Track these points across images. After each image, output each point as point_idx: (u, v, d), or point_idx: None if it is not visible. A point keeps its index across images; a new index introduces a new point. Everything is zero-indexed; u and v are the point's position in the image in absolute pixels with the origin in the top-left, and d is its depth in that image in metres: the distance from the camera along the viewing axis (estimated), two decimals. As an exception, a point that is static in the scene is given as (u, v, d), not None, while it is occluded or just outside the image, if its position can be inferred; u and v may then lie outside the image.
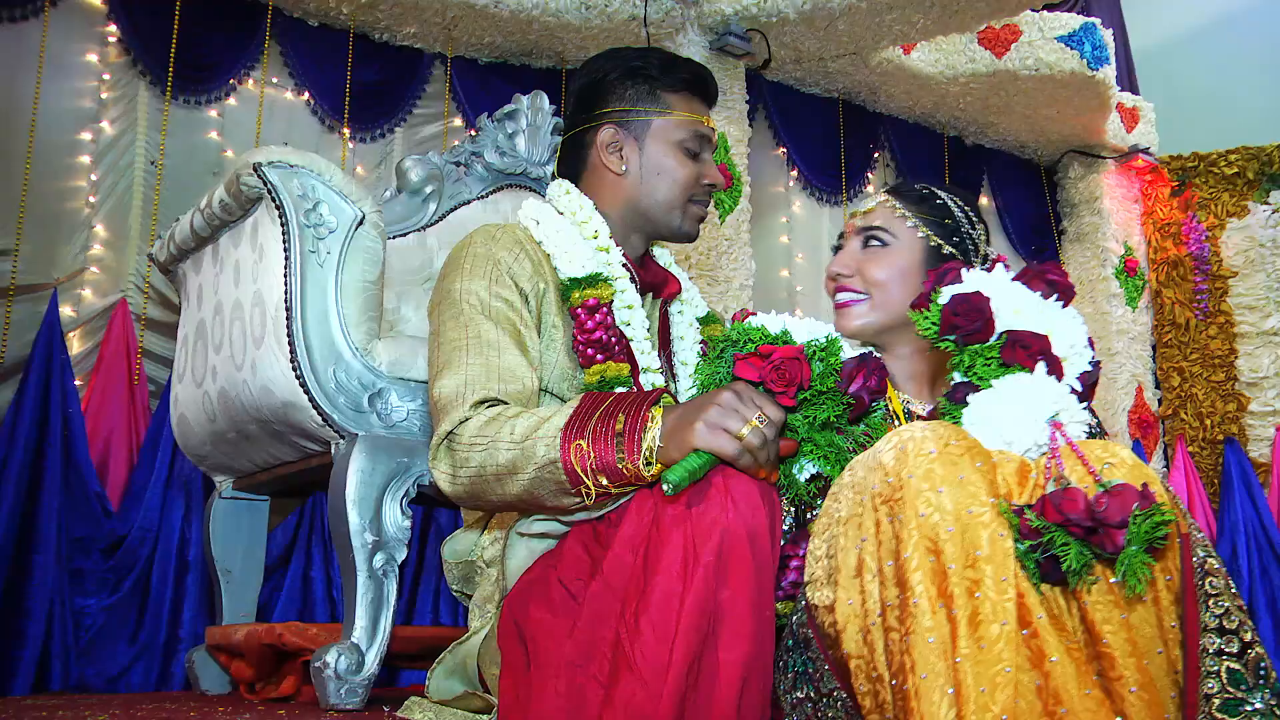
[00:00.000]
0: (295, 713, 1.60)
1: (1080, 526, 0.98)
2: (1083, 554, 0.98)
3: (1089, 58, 4.73)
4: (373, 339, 1.78)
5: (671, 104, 1.56)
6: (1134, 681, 0.97)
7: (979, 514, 1.01)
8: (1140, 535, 0.97)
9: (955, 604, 0.97)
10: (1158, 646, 1.00)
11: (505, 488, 1.28)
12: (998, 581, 0.98)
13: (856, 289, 1.51)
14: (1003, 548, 1.00)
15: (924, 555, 1.00)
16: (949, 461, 1.03)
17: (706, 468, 1.18)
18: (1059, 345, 1.19)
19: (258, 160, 1.74)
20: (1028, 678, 0.96)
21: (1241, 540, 4.89)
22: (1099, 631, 1.00)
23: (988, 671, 0.95)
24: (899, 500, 1.03)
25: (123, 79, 3.65)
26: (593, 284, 1.48)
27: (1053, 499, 1.00)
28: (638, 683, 1.12)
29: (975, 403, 1.17)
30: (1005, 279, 1.23)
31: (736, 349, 1.26)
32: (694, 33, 4.20)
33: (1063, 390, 1.16)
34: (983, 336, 1.19)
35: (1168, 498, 1.05)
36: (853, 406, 1.25)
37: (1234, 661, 0.98)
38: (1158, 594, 1.02)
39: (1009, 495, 1.06)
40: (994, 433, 1.13)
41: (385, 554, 1.68)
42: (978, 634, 0.96)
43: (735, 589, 1.14)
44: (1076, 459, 1.06)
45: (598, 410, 1.26)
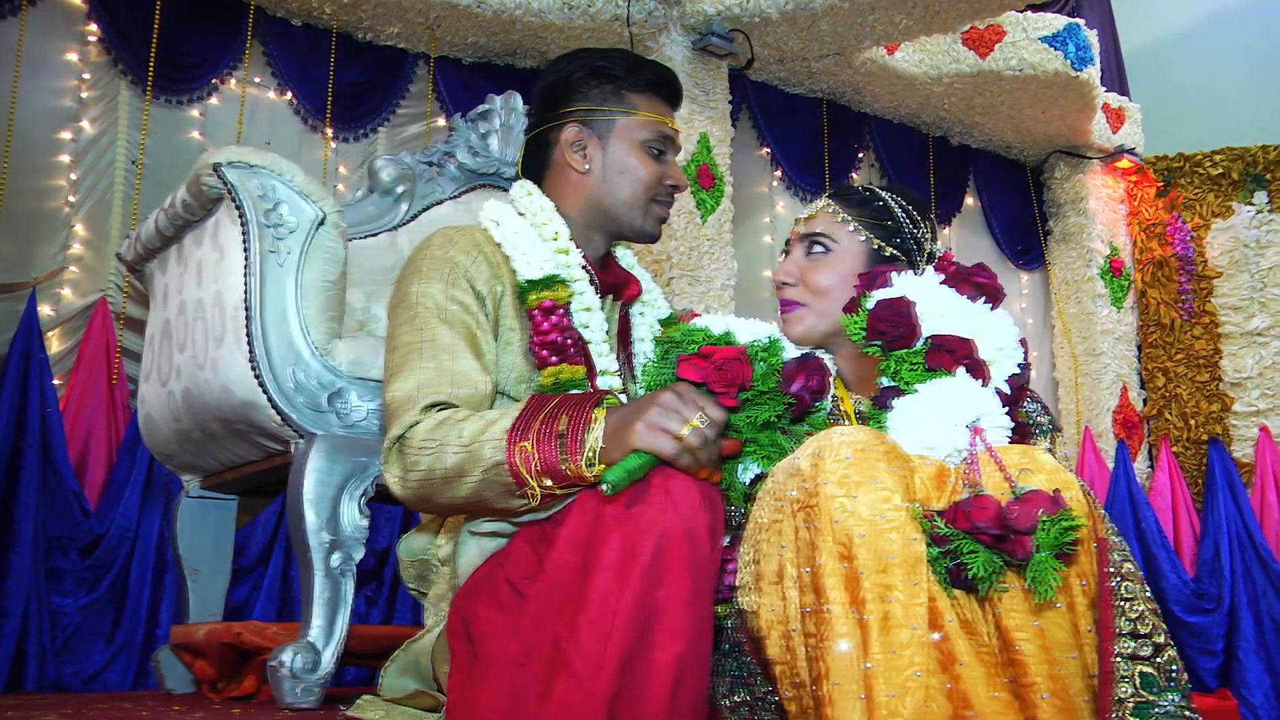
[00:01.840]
0: (251, 712, 1.60)
1: (988, 534, 0.98)
2: (991, 561, 0.98)
3: (1073, 58, 4.74)
4: (333, 339, 1.78)
5: (636, 104, 1.56)
6: (1045, 688, 0.97)
7: (892, 519, 1.01)
8: (1049, 541, 0.97)
9: (867, 609, 0.98)
10: (1072, 651, 1.00)
11: (454, 490, 1.29)
12: (909, 586, 0.98)
13: (799, 297, 1.51)
14: (915, 552, 1.00)
15: (837, 561, 1.00)
16: (864, 466, 1.03)
17: (646, 468, 1.18)
18: (986, 348, 1.19)
19: (217, 160, 1.74)
20: (938, 681, 0.96)
21: (1225, 539, 4.90)
22: (1012, 638, 1.00)
23: (898, 677, 0.95)
24: (814, 506, 1.03)
25: (103, 78, 3.65)
26: (549, 285, 1.48)
27: (963, 506, 1.00)
28: (573, 680, 1.13)
29: (899, 407, 1.17)
30: (933, 283, 1.23)
31: (680, 350, 1.27)
32: (677, 33, 4.21)
33: (985, 395, 1.16)
34: (907, 341, 1.19)
35: (1086, 503, 1.05)
36: (794, 406, 1.25)
37: (1147, 665, 0.98)
38: (1072, 599, 1.02)
39: (926, 500, 1.06)
40: (915, 437, 1.14)
41: (342, 553, 1.69)
42: (889, 639, 0.97)
43: (671, 588, 1.14)
44: (993, 465, 1.06)
45: (542, 412, 1.27)
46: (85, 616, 3.16)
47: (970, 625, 1.01)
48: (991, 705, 0.95)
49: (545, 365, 1.46)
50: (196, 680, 2.01)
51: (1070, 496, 1.03)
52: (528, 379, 1.47)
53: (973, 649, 0.98)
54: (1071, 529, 0.98)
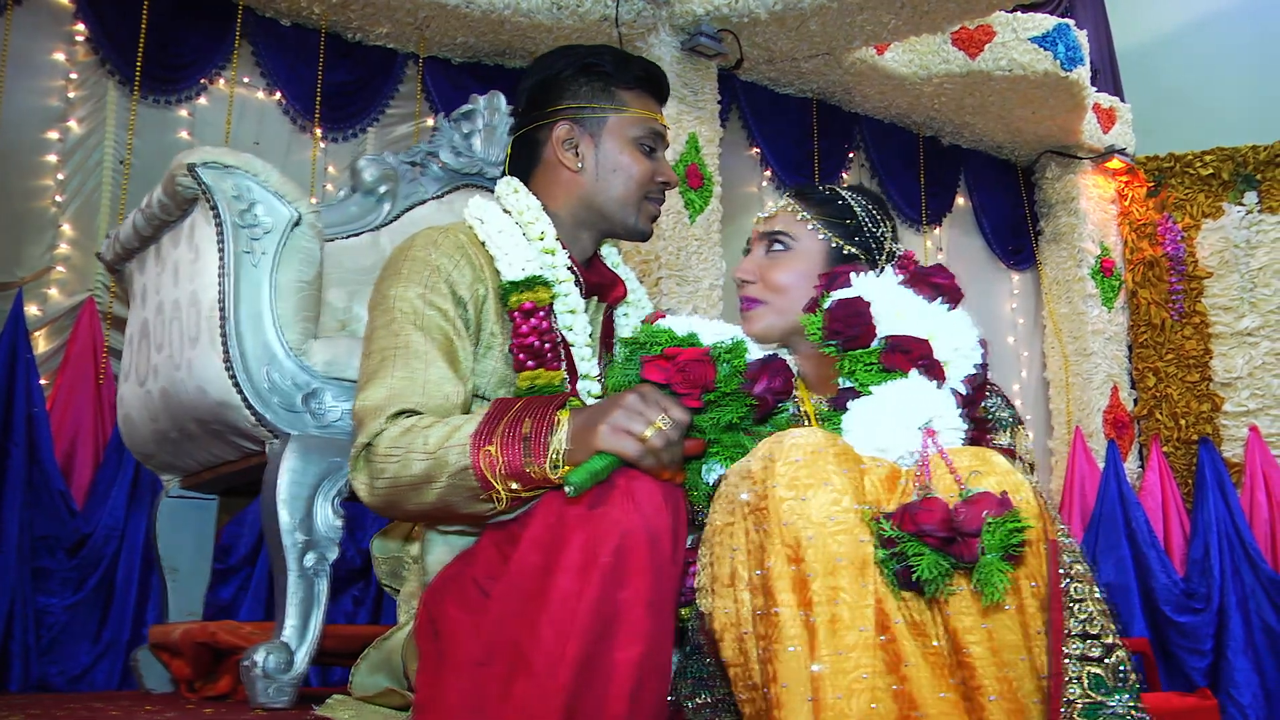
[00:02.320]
0: (223, 711, 1.61)
1: (935, 537, 0.98)
2: (938, 564, 0.98)
3: (1062, 58, 4.74)
4: (308, 339, 1.79)
5: (627, 101, 1.56)
6: (994, 690, 0.97)
7: (841, 521, 1.01)
8: (995, 543, 0.97)
9: (815, 611, 0.98)
10: (1022, 653, 1.00)
11: (421, 497, 1.29)
12: (857, 588, 0.99)
13: (759, 295, 1.51)
14: (863, 554, 1.00)
15: (786, 564, 1.00)
16: (814, 469, 1.03)
17: (610, 470, 1.18)
18: (943, 349, 1.19)
19: (192, 161, 1.75)
20: (885, 683, 0.97)
21: (1214, 540, 4.91)
22: (961, 640, 1.00)
23: (845, 679, 0.95)
24: (764, 509, 1.03)
25: (91, 78, 3.65)
26: (530, 287, 1.47)
27: (910, 509, 1.00)
28: (532, 681, 1.13)
29: (854, 409, 1.18)
30: (891, 283, 1.23)
31: (644, 351, 1.27)
32: (665, 33, 4.21)
33: (939, 397, 1.16)
34: (863, 342, 1.19)
35: (1037, 505, 1.05)
36: (758, 408, 1.25)
37: (1096, 666, 0.98)
38: (1022, 601, 1.01)
39: (878, 502, 1.06)
40: (869, 439, 1.14)
41: (316, 553, 1.69)
42: (836, 641, 0.97)
43: (633, 589, 1.14)
44: (945, 467, 1.07)
45: (506, 415, 1.27)
46: (71, 616, 3.16)
47: (919, 627, 1.01)
48: (938, 706, 0.96)
49: (522, 369, 1.45)
50: (174, 680, 2.01)
51: (1021, 498, 1.03)
52: (509, 383, 1.46)
53: (920, 650, 0.98)
54: (1018, 530, 0.98)
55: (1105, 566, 4.92)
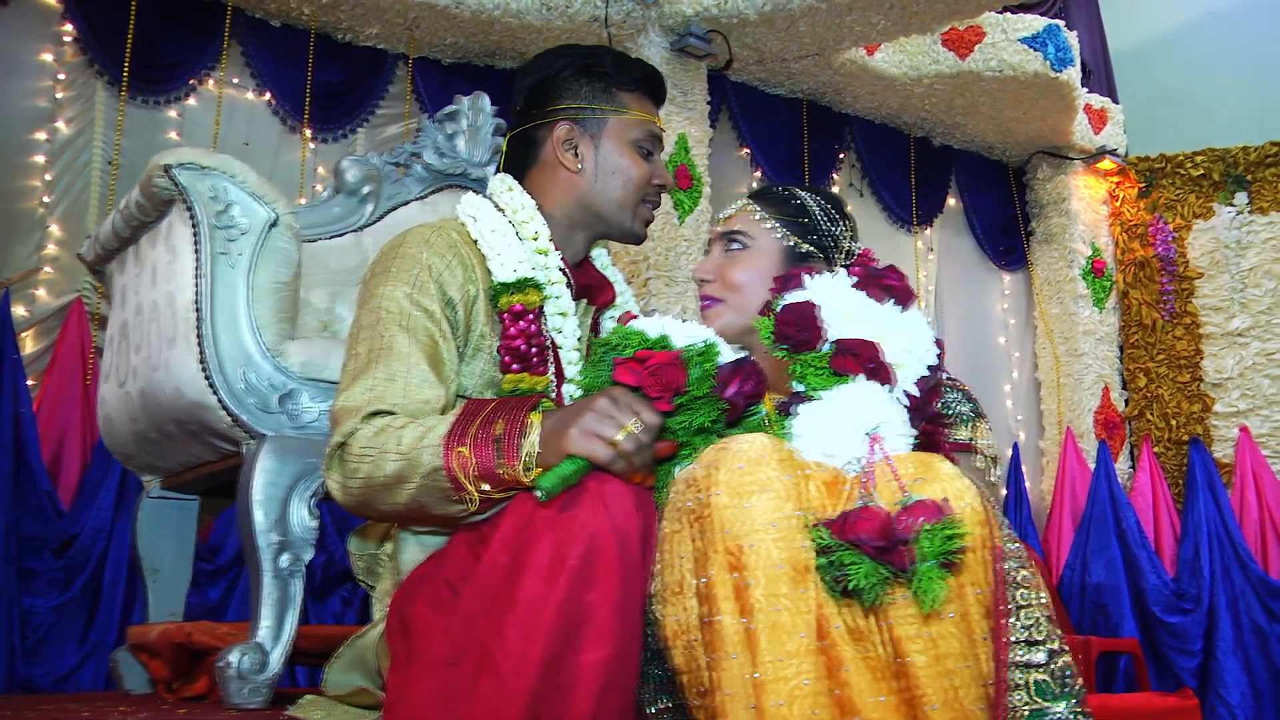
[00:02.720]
0: (197, 712, 1.61)
1: (870, 546, 0.98)
2: (875, 572, 0.98)
3: (1052, 59, 4.75)
4: (285, 340, 1.79)
5: (627, 103, 1.56)
6: (935, 699, 0.97)
7: (782, 527, 1.01)
8: (932, 550, 0.97)
9: (755, 619, 0.98)
10: (966, 660, 1.00)
11: (394, 497, 1.29)
12: (796, 594, 0.99)
13: (718, 293, 1.52)
14: (802, 561, 1.00)
15: (726, 571, 1.00)
16: (757, 475, 1.03)
17: (580, 473, 1.18)
18: (894, 351, 1.19)
19: (168, 162, 1.75)
20: (825, 688, 0.97)
21: (1204, 540, 4.91)
22: (903, 648, 1.00)
23: (785, 686, 0.96)
24: (706, 517, 1.03)
25: (79, 79, 3.65)
26: (521, 289, 1.46)
27: (848, 517, 1.00)
28: (497, 681, 1.13)
29: (803, 413, 1.18)
30: (843, 286, 1.23)
31: (615, 353, 1.26)
32: (655, 33, 4.22)
33: (886, 402, 1.16)
34: (811, 345, 1.19)
35: (981, 511, 1.04)
36: (729, 411, 1.25)
37: (1040, 672, 0.98)
38: (966, 608, 1.01)
39: (821, 508, 1.06)
40: (815, 445, 1.14)
41: (291, 554, 1.69)
42: (776, 649, 0.97)
43: (600, 592, 1.14)
44: (888, 474, 1.07)
45: (478, 416, 1.27)
46: (58, 617, 3.16)
47: (859, 632, 1.01)
48: (877, 710, 0.96)
49: (507, 371, 1.45)
50: (153, 681, 2.01)
51: (964, 505, 1.03)
52: (496, 385, 1.46)
53: (858, 655, 0.98)
54: (954, 538, 0.98)
55: (1096, 567, 4.93)
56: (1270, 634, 4.65)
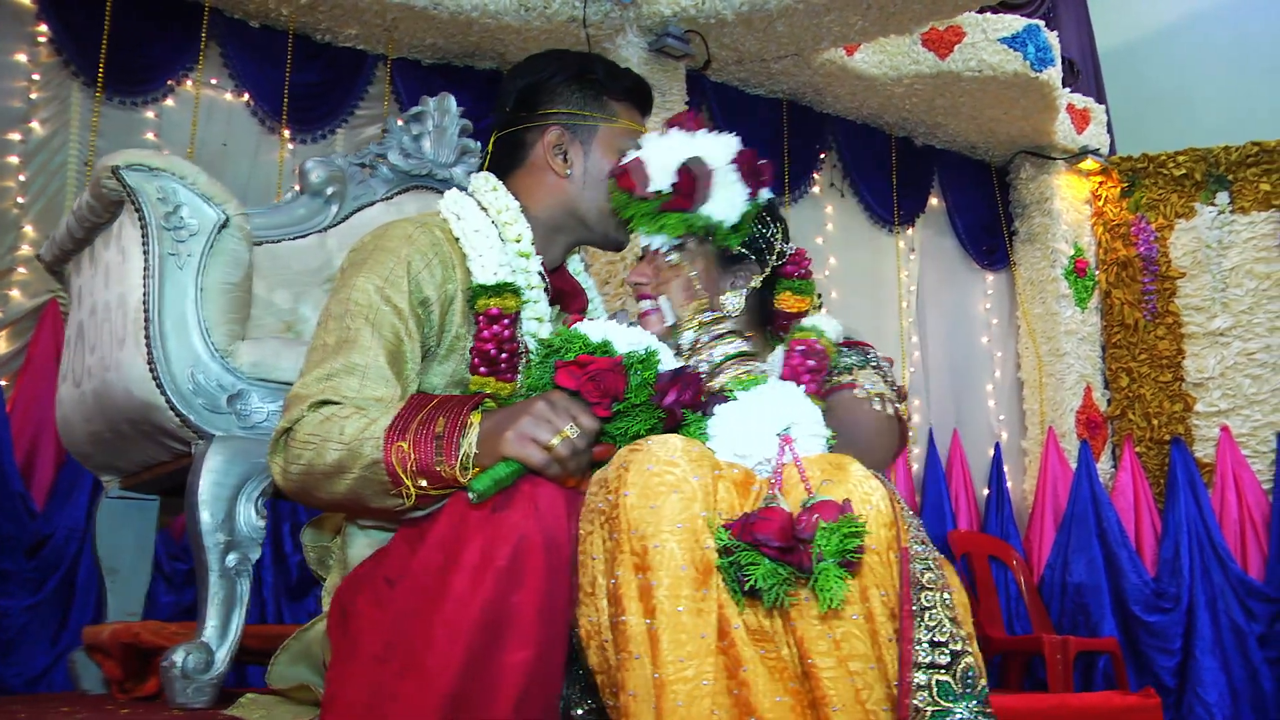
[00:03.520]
0: (140, 712, 1.61)
1: (770, 546, 0.99)
2: (775, 573, 0.99)
3: (1032, 59, 4.75)
4: (235, 341, 1.79)
5: (618, 112, 1.57)
6: (839, 700, 0.98)
7: (688, 528, 1.02)
8: (830, 550, 0.98)
9: (658, 619, 0.99)
10: (870, 662, 1.01)
11: (333, 486, 1.30)
12: (698, 595, 0.99)
13: (652, 296, 1.53)
14: (705, 561, 1.01)
15: (633, 572, 1.01)
16: (665, 476, 1.04)
17: (514, 476, 1.19)
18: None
19: (115, 163, 1.75)
20: (724, 687, 0.98)
21: (1185, 539, 4.92)
22: (807, 649, 1.01)
23: (685, 686, 0.96)
24: (615, 517, 1.04)
25: (54, 80, 3.66)
26: (499, 293, 1.47)
27: (749, 519, 1.01)
28: (420, 679, 1.14)
29: (720, 414, 1.19)
30: (669, 142, 1.46)
31: (558, 355, 1.27)
32: (633, 34, 4.22)
33: (800, 403, 1.17)
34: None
35: (889, 512, 1.05)
36: (666, 419, 1.26)
37: (943, 673, 0.99)
38: (870, 609, 1.02)
39: (732, 508, 1.07)
40: (729, 445, 1.15)
41: (239, 553, 1.70)
42: (677, 649, 0.98)
43: (527, 594, 1.15)
44: (797, 475, 1.07)
45: (420, 412, 1.27)
46: (30, 618, 3.17)
47: (761, 632, 1.02)
48: (775, 710, 0.97)
49: (475, 373, 1.46)
50: (107, 681, 2.02)
51: (870, 506, 1.03)
52: (465, 386, 1.46)
53: (758, 655, 0.99)
54: (853, 536, 0.98)
55: (1076, 566, 4.94)
56: (1248, 633, 4.66)
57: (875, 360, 1.41)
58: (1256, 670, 4.60)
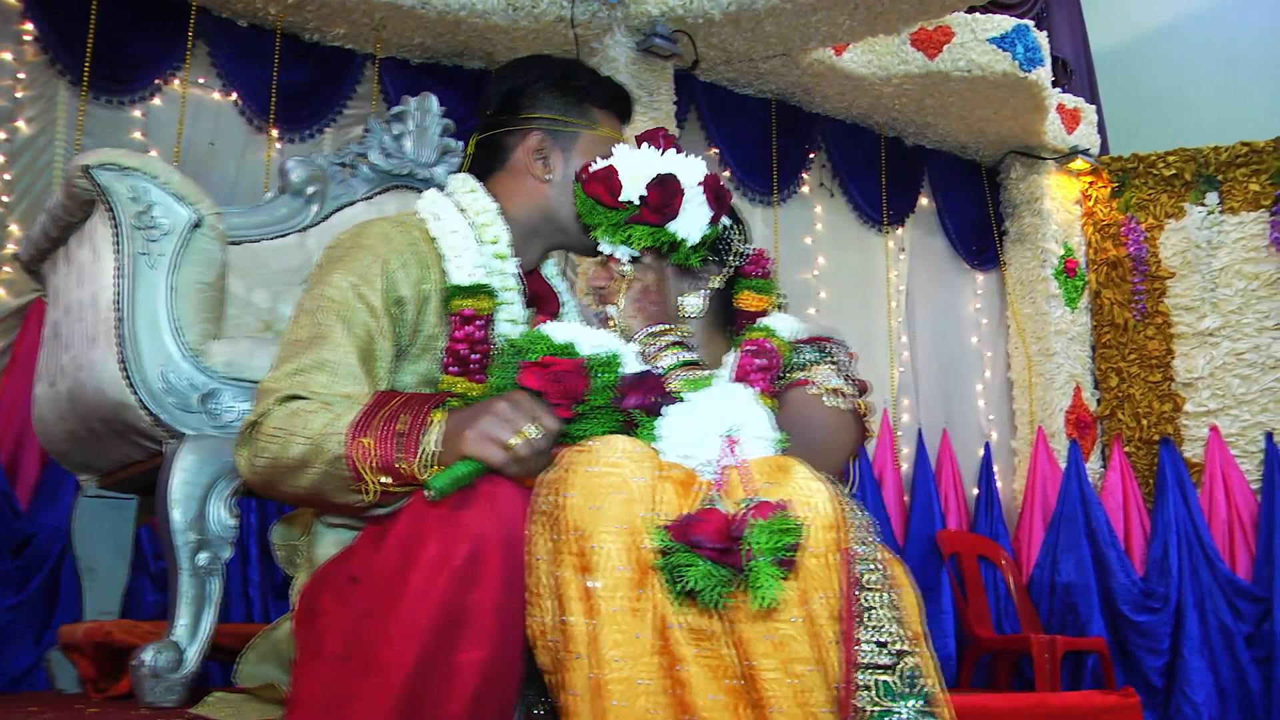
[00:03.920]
0: (109, 711, 1.61)
1: (707, 548, 0.99)
2: (713, 574, 0.99)
3: (1021, 59, 4.75)
4: (208, 340, 1.79)
5: (599, 119, 1.58)
6: (780, 702, 0.98)
7: (627, 529, 1.02)
8: (764, 548, 0.98)
9: (598, 619, 0.99)
10: (811, 665, 1.01)
11: (297, 480, 1.30)
12: (636, 595, 0.99)
13: (610, 296, 1.53)
14: (644, 561, 1.01)
15: (574, 572, 1.02)
16: (608, 477, 1.04)
17: (474, 475, 1.19)
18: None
19: (87, 163, 1.75)
20: (662, 687, 0.98)
21: (1173, 540, 4.92)
22: (747, 650, 1.01)
23: (622, 686, 0.97)
24: (559, 518, 1.04)
25: (40, 78, 3.65)
26: (473, 294, 1.47)
27: (687, 520, 1.01)
28: (377, 677, 1.14)
29: (669, 415, 1.19)
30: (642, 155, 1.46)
31: (523, 356, 1.27)
32: (620, 34, 4.22)
33: (748, 405, 1.17)
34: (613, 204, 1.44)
35: (832, 514, 1.05)
36: (627, 423, 1.26)
37: (886, 674, 0.99)
38: (811, 611, 1.02)
39: (677, 509, 1.07)
40: (675, 446, 1.15)
41: (210, 552, 1.70)
42: (616, 649, 0.98)
43: (483, 593, 1.15)
44: (740, 477, 1.08)
45: (384, 409, 1.28)
46: (14, 617, 3.16)
47: (700, 632, 1.02)
48: (712, 710, 0.97)
49: (447, 373, 1.46)
50: (82, 680, 2.02)
51: (811, 508, 1.03)
52: (436, 386, 1.47)
53: (695, 654, 0.99)
54: (787, 533, 0.99)
55: (1065, 566, 4.94)
56: (1236, 633, 4.66)
57: (833, 355, 1.41)
58: (1244, 670, 4.61)
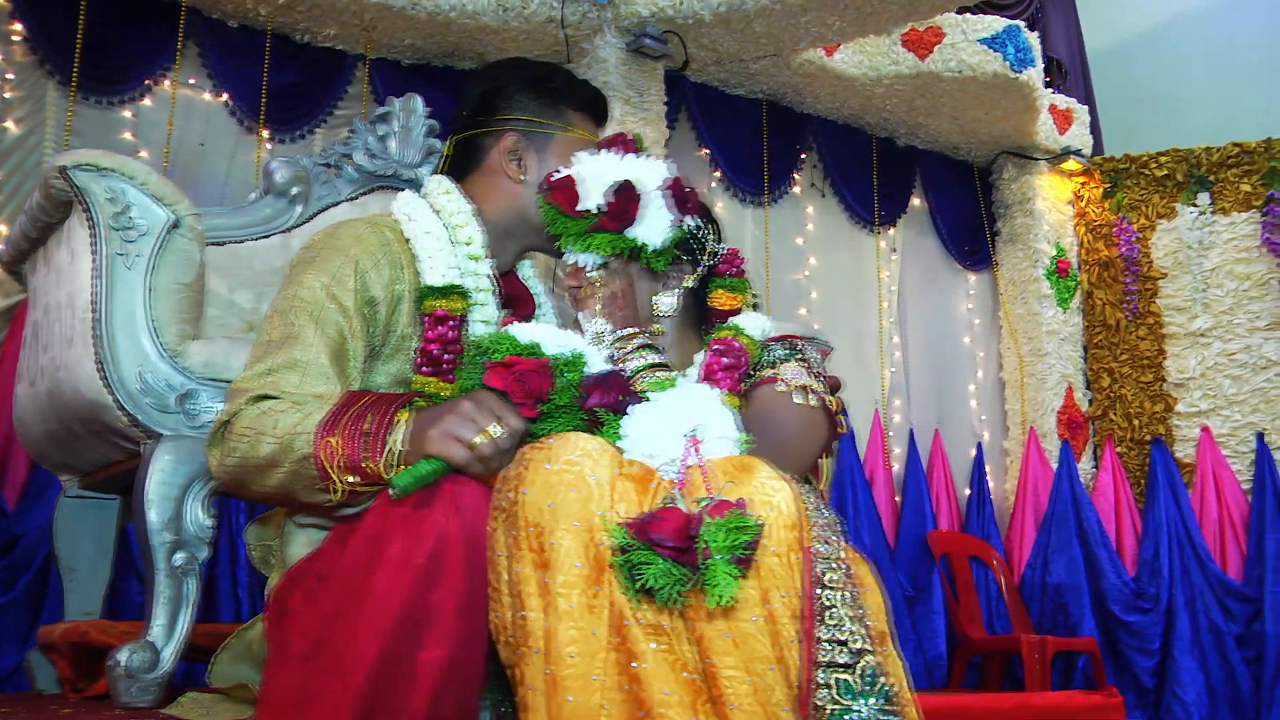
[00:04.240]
0: (81, 712, 1.62)
1: (665, 547, 0.99)
2: (670, 573, 0.99)
3: (1012, 60, 4.75)
4: (185, 340, 1.80)
5: (574, 121, 1.59)
6: (735, 700, 0.98)
7: (583, 525, 1.03)
8: (719, 545, 0.98)
9: (554, 615, 1.00)
10: (771, 664, 1.01)
11: (266, 479, 1.31)
12: (592, 591, 1.00)
13: (584, 305, 1.53)
14: (601, 558, 1.02)
15: (531, 568, 1.02)
16: (565, 475, 1.05)
17: (438, 474, 1.19)
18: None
19: (63, 163, 1.76)
20: (616, 683, 0.98)
21: (1164, 540, 4.93)
22: (706, 649, 1.01)
23: (577, 682, 0.97)
24: (515, 514, 1.05)
25: (29, 79, 3.65)
26: (446, 295, 1.48)
27: (646, 518, 1.02)
28: (337, 676, 1.15)
29: (634, 413, 1.20)
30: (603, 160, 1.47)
31: (488, 356, 1.28)
32: (610, 34, 4.22)
33: (712, 405, 1.18)
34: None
35: (792, 514, 1.05)
36: (590, 422, 1.27)
37: (845, 672, 1.00)
38: (772, 610, 1.02)
39: (633, 506, 1.07)
40: (638, 445, 1.16)
41: (186, 553, 1.70)
42: (571, 644, 0.99)
43: (446, 592, 1.16)
44: (701, 476, 1.08)
45: (352, 409, 1.28)
46: (1, 617, 3.17)
47: (658, 628, 1.02)
48: (667, 706, 0.97)
49: (419, 373, 1.47)
50: (60, 680, 2.02)
51: (773, 506, 1.04)
52: (408, 386, 1.47)
53: (652, 650, 1.00)
54: (742, 531, 0.99)
55: (1056, 566, 4.94)
56: (1227, 633, 4.67)
57: (802, 353, 1.41)
58: (1234, 670, 4.61)
